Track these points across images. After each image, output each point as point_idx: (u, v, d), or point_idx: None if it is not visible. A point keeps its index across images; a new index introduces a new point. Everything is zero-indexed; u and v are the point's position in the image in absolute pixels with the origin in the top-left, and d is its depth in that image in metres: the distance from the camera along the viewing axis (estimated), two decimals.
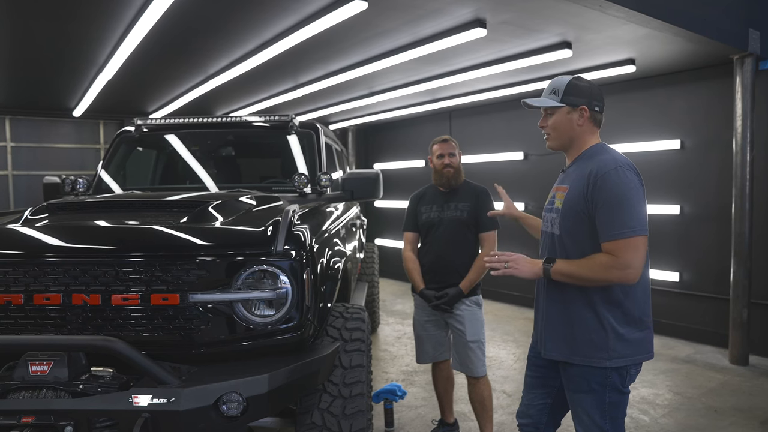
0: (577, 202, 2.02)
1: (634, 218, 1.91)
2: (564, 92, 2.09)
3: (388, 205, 9.55)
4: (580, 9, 3.81)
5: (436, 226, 3.34)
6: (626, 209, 1.92)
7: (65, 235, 2.30)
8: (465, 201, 3.31)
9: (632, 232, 1.91)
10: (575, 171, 2.11)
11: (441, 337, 3.40)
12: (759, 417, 3.89)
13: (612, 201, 1.93)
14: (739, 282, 5.03)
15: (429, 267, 3.35)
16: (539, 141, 6.89)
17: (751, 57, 4.87)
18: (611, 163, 1.99)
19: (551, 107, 2.12)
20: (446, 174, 3.33)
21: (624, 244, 1.91)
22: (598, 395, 2.06)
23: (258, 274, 2.16)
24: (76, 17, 4.09)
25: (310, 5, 3.86)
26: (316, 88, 6.44)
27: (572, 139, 2.13)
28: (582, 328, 2.06)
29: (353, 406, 2.35)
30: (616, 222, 1.92)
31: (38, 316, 2.14)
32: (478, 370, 3.25)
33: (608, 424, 2.06)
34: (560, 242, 2.09)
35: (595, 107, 2.11)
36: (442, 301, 3.22)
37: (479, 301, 3.34)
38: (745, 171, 4.95)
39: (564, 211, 2.07)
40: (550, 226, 2.16)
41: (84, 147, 8.82)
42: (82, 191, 3.37)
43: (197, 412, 1.96)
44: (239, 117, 3.89)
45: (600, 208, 1.95)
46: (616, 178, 1.94)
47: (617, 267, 1.91)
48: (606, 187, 1.94)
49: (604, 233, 1.95)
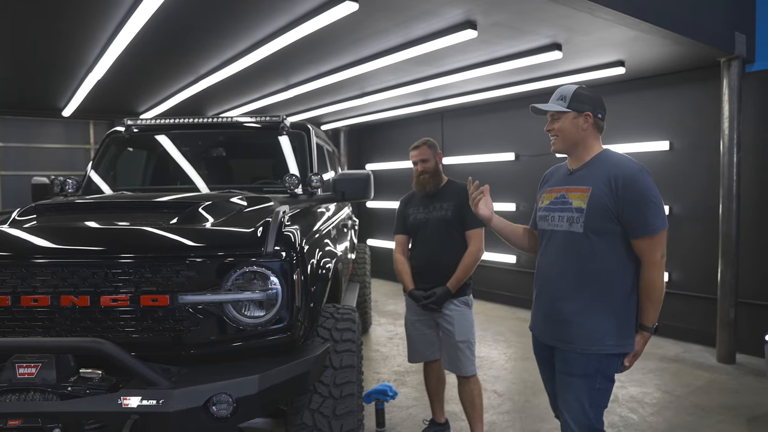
0: (604, 202, 2.16)
1: (659, 216, 2.14)
2: (571, 99, 2.26)
3: (380, 206, 9.56)
4: (570, 11, 3.84)
5: (423, 227, 3.37)
6: (655, 208, 2.13)
7: (53, 236, 2.29)
8: (448, 200, 3.33)
9: (662, 226, 2.13)
10: (591, 173, 2.24)
11: (432, 337, 3.41)
12: (745, 414, 3.93)
13: (643, 202, 2.13)
14: (727, 282, 5.08)
15: (419, 268, 3.38)
16: (530, 142, 7.00)
17: (737, 60, 4.93)
18: (635, 166, 2.18)
19: (558, 112, 2.28)
20: (422, 181, 3.38)
21: (658, 238, 2.13)
22: (590, 380, 2.19)
23: (248, 275, 2.16)
24: (66, 16, 4.06)
25: (301, 6, 3.86)
26: (308, 89, 6.43)
27: (577, 143, 2.29)
28: (594, 316, 2.20)
29: (344, 406, 2.36)
30: (649, 220, 2.12)
31: (26, 318, 2.13)
32: (467, 370, 3.27)
33: (593, 411, 2.20)
34: (586, 240, 2.20)
35: (598, 114, 2.29)
36: (430, 300, 3.23)
37: (469, 301, 3.35)
38: (732, 172, 5.01)
39: (590, 211, 2.19)
40: (567, 224, 2.25)
41: (74, 147, 8.75)
42: (72, 192, 3.34)
43: (187, 414, 1.95)
44: (230, 117, 3.88)
45: (631, 209, 2.13)
46: (644, 181, 2.15)
47: (656, 262, 2.13)
48: (636, 189, 2.13)
49: (637, 231, 2.14)
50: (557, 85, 6.34)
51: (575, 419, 2.23)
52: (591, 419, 2.20)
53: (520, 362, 5.08)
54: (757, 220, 5.16)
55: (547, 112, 2.32)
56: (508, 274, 7.46)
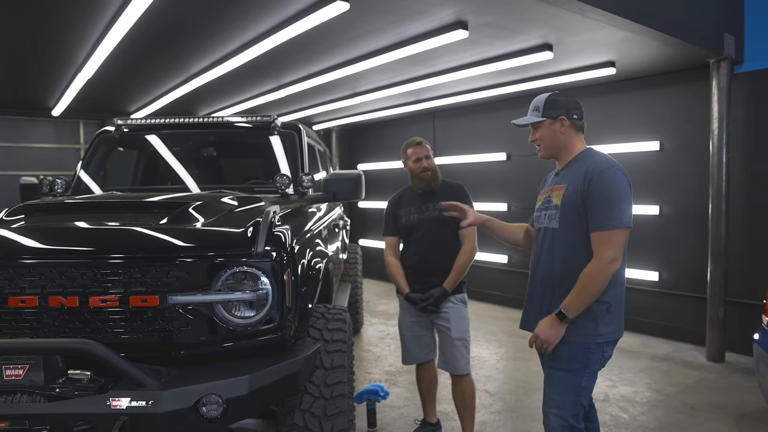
0: (575, 198, 2.26)
1: (618, 213, 2.17)
2: (543, 108, 2.37)
3: (372, 206, 9.56)
4: (561, 12, 3.85)
5: (416, 228, 3.34)
6: (614, 204, 2.17)
7: (42, 236, 2.27)
8: (443, 200, 3.25)
9: (618, 224, 2.16)
10: (570, 172, 2.34)
11: (427, 338, 3.41)
12: (733, 413, 3.97)
13: (603, 196, 2.18)
14: (716, 281, 5.13)
15: (413, 269, 3.35)
16: (522, 142, 6.99)
17: (726, 61, 4.97)
18: (605, 163, 2.25)
19: (536, 123, 2.39)
20: (425, 177, 3.34)
21: (612, 236, 2.16)
22: (577, 376, 2.27)
23: (238, 275, 2.15)
24: (55, 15, 4.03)
25: (292, 6, 3.85)
26: (299, 89, 6.42)
27: (559, 147, 2.39)
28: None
29: (334, 406, 2.35)
30: (606, 215, 2.17)
31: (13, 319, 2.11)
32: (462, 368, 3.27)
33: (577, 408, 2.29)
34: (559, 235, 2.32)
35: (573, 116, 2.37)
36: (428, 302, 3.21)
37: (464, 299, 3.36)
38: (722, 172, 5.05)
39: (563, 207, 2.30)
40: (548, 222, 2.38)
41: (63, 147, 8.68)
42: (61, 192, 3.31)
43: (177, 415, 1.95)
44: (221, 117, 3.86)
45: (592, 202, 2.20)
46: (610, 177, 2.20)
47: (603, 259, 2.15)
48: (599, 184, 2.19)
49: (593, 224, 2.20)
50: (549, 85, 6.43)
51: (558, 413, 2.31)
52: (571, 414, 2.29)
53: (511, 362, 5.09)
54: (746, 220, 5.21)
55: (528, 125, 2.44)
56: (500, 274, 7.47)
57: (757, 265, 5.13)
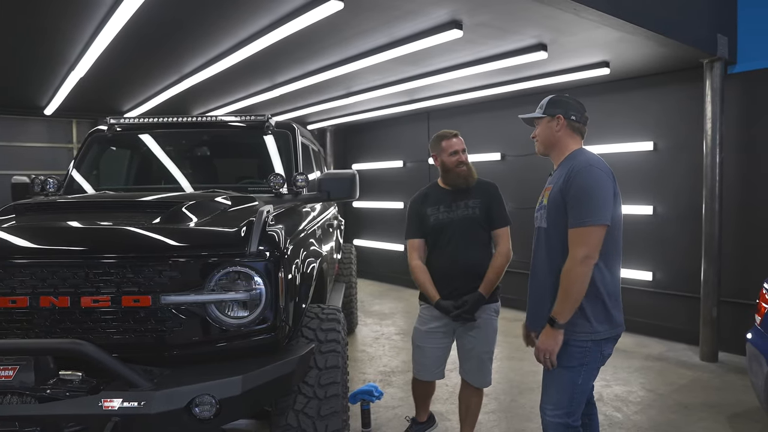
0: (557, 197, 2.31)
1: (594, 210, 2.19)
2: (546, 106, 2.45)
3: (366, 206, 9.55)
4: (555, 12, 3.86)
5: (446, 227, 3.08)
6: (590, 202, 2.20)
7: (33, 236, 2.25)
8: (475, 197, 3.09)
9: (592, 221, 2.18)
10: (558, 172, 2.41)
11: (444, 352, 3.17)
12: (726, 412, 3.98)
13: (579, 194, 2.23)
14: (710, 280, 5.15)
15: (443, 273, 3.06)
16: (516, 142, 7.03)
17: (720, 61, 4.99)
18: (584, 162, 2.29)
19: (538, 119, 2.48)
20: (461, 173, 3.08)
21: (585, 233, 2.19)
22: (573, 373, 2.30)
23: (232, 275, 2.14)
24: (47, 13, 4.00)
25: (286, 5, 3.84)
26: (294, 88, 6.40)
27: (553, 144, 2.44)
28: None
29: (328, 407, 2.35)
30: (582, 212, 2.20)
31: (4, 319, 2.09)
32: (486, 381, 3.14)
33: (573, 405, 2.33)
34: (546, 234, 2.38)
35: (571, 116, 2.41)
36: (463, 309, 2.93)
37: (498, 308, 3.15)
38: (715, 172, 5.07)
39: (549, 206, 2.36)
40: (540, 221, 2.44)
41: (56, 146, 8.62)
42: (53, 191, 3.29)
43: (169, 415, 1.93)
44: (215, 117, 3.85)
45: (569, 200, 2.25)
46: (587, 175, 2.24)
47: (577, 257, 2.17)
48: (576, 182, 2.24)
49: (570, 222, 2.24)
50: (543, 85, 6.43)
51: (554, 410, 2.35)
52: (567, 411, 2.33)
53: (506, 362, 5.09)
54: (740, 220, 5.23)
55: (532, 120, 2.52)
56: None
57: (750, 264, 5.16)
